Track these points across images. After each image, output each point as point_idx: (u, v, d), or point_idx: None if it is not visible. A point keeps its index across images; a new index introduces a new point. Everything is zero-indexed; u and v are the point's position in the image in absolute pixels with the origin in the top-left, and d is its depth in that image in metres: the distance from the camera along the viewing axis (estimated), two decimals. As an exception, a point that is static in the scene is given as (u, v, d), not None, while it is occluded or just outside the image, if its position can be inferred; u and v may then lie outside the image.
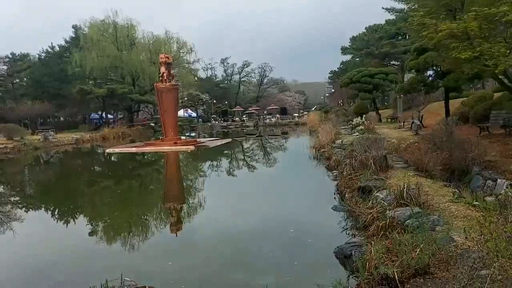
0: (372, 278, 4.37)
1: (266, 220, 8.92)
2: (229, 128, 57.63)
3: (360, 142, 12.02)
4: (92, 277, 5.26)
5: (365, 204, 7.56)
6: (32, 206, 12.59)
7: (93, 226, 9.70)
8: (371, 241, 5.39)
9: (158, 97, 27.84)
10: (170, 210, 10.79)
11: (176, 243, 7.77)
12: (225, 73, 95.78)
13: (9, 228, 9.36)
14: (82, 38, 53.29)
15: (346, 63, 72.41)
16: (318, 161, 17.29)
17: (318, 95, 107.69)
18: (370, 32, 61.84)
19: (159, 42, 55.88)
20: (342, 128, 25.51)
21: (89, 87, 50.85)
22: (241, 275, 5.74)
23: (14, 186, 16.67)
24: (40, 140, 34.66)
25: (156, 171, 20.39)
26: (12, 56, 59.12)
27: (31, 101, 52.46)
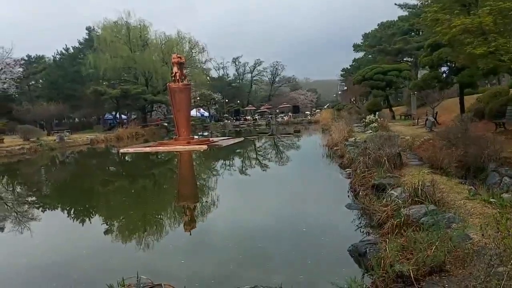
0: (387, 276, 4.35)
1: (279, 218, 8.93)
2: (241, 127, 57.71)
3: (374, 140, 11.94)
4: (108, 275, 5.32)
5: (379, 202, 7.51)
6: (48, 205, 12.78)
7: (109, 225, 9.82)
8: (385, 239, 5.37)
9: (171, 97, 28.02)
10: (184, 209, 10.87)
11: (190, 241, 7.82)
12: (237, 72, 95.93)
13: (27, 227, 9.52)
14: (96, 39, 53.87)
15: (358, 60, 71.89)
16: (331, 159, 17.23)
17: (330, 93, 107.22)
18: (383, 29, 61.25)
19: (171, 42, 56.22)
20: (355, 126, 25.36)
21: (103, 88, 51.38)
22: (255, 274, 5.76)
23: (31, 186, 16.94)
24: (55, 141, 35.13)
25: (170, 171, 20.53)
26: (28, 58, 60.00)
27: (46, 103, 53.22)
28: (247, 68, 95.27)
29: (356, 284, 4.30)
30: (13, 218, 10.87)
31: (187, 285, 4.65)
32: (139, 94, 50.13)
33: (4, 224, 10.31)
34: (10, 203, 13.36)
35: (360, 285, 4.34)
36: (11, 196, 15.08)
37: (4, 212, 11.82)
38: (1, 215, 11.53)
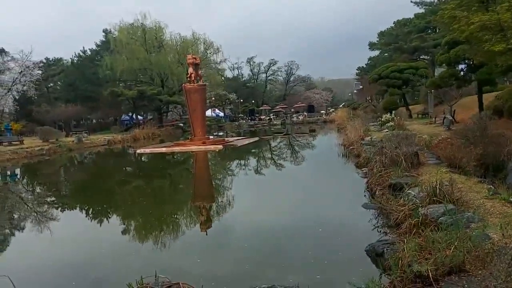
0: (405, 276, 4.31)
1: (295, 218, 8.91)
2: (256, 127, 57.76)
3: (390, 139, 11.83)
4: (127, 274, 5.39)
5: (397, 202, 7.45)
6: (67, 205, 12.99)
7: (126, 225, 9.95)
8: (403, 239, 5.32)
9: (186, 97, 28.22)
10: (200, 209, 10.93)
11: (206, 241, 7.87)
12: (251, 72, 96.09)
13: (47, 227, 9.71)
14: (112, 41, 54.55)
15: (374, 58, 71.31)
16: (347, 158, 17.14)
17: (345, 92, 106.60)
18: (399, 27, 60.64)
19: (187, 43, 56.58)
20: (371, 125, 25.18)
21: (120, 89, 52.01)
22: (271, 274, 5.76)
23: (50, 187, 17.25)
24: (73, 142, 35.69)
25: (186, 171, 20.67)
26: (47, 61, 61.09)
27: (65, 104, 54.21)
28: (262, 68, 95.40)
29: (373, 284, 4.28)
30: (33, 218, 11.09)
31: (204, 284, 4.69)
32: (155, 95, 50.59)
33: (25, 224, 10.54)
34: (30, 203, 13.63)
35: (377, 285, 4.32)
36: (31, 196, 15.38)
37: (24, 212, 12.08)
38: (22, 215, 11.78)
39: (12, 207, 13.24)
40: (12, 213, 12.22)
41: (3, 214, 12.01)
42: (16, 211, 12.53)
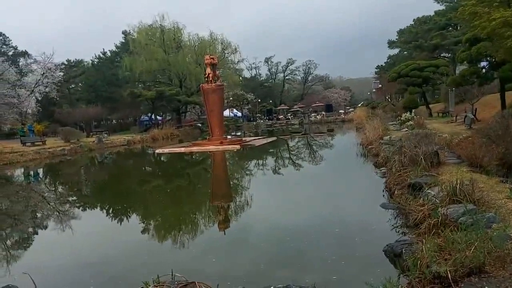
0: (424, 277, 4.24)
1: (313, 218, 8.87)
2: (274, 127, 57.72)
3: (410, 138, 11.67)
4: (144, 272, 5.43)
5: (416, 201, 7.34)
6: (88, 205, 13.21)
7: (145, 224, 10.06)
8: (422, 239, 5.24)
9: (204, 97, 28.38)
10: (217, 208, 10.98)
11: (223, 240, 7.89)
12: (269, 72, 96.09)
13: (68, 226, 9.89)
14: (131, 43, 55.22)
15: (393, 57, 70.46)
16: (366, 158, 16.98)
17: (364, 91, 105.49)
18: (419, 24, 59.72)
19: (204, 44, 56.87)
20: (390, 124, 24.88)
21: (139, 90, 52.65)
22: (287, 274, 5.74)
23: (71, 186, 17.57)
24: (94, 142, 36.30)
25: (204, 170, 20.79)
26: (68, 62, 62.27)
27: (85, 105, 55.20)
28: (280, 68, 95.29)
29: (391, 285, 4.22)
30: (55, 217, 11.32)
31: (219, 283, 4.70)
32: (174, 95, 51.02)
33: (47, 222, 10.77)
34: (52, 203, 13.91)
35: (395, 285, 4.26)
36: (53, 195, 15.69)
37: (46, 211, 12.34)
38: (44, 214, 12.04)
39: (34, 206, 13.54)
40: (34, 212, 12.50)
41: (26, 213, 12.30)
42: (39, 210, 12.81)
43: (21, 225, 10.77)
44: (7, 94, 37.34)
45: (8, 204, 14.26)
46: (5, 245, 8.82)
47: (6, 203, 14.45)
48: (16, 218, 11.52)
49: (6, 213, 12.56)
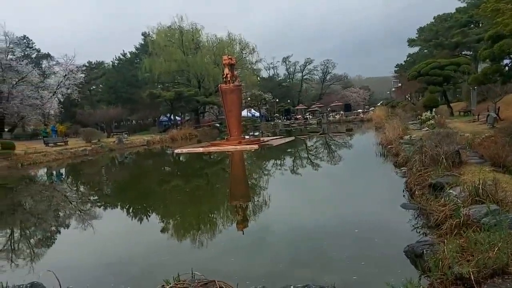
0: (446, 278, 4.18)
1: (332, 218, 8.82)
2: (292, 127, 57.60)
3: (431, 137, 11.50)
4: (163, 271, 5.49)
5: (437, 202, 7.23)
6: (109, 204, 13.42)
7: (164, 223, 10.17)
8: (443, 240, 5.17)
9: (222, 98, 28.51)
10: (236, 208, 11.01)
11: (241, 240, 7.91)
12: (287, 72, 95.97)
13: (89, 224, 10.07)
14: (151, 44, 55.86)
15: (413, 55, 69.53)
16: (385, 158, 16.80)
17: (383, 90, 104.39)
18: (439, 22, 58.80)
19: (222, 44, 57.17)
20: (410, 123, 24.56)
21: (158, 91, 53.23)
22: (306, 273, 5.72)
23: (93, 186, 17.88)
24: (115, 143, 36.89)
25: (222, 170, 20.88)
26: (89, 64, 63.43)
27: (106, 106, 56.11)
28: (298, 67, 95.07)
29: (412, 285, 4.17)
30: (77, 216, 11.53)
31: (239, 283, 4.72)
32: (192, 96, 51.41)
33: (69, 221, 10.97)
34: (74, 202, 14.18)
35: (416, 286, 4.21)
36: (75, 195, 15.99)
37: (68, 211, 12.58)
38: (66, 213, 12.28)
39: (57, 205, 13.82)
40: (57, 211, 12.76)
41: (49, 212, 12.57)
42: (61, 209, 13.07)
43: (44, 224, 11.01)
44: (30, 95, 38.27)
45: (32, 203, 14.60)
46: (29, 243, 9.03)
47: (30, 202, 14.80)
48: (40, 217, 11.78)
49: (30, 212, 12.86)
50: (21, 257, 7.86)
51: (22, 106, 37.78)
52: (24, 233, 10.15)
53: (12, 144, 28.01)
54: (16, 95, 37.00)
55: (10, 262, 7.48)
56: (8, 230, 10.54)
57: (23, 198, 15.68)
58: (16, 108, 37.17)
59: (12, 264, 7.34)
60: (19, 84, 37.44)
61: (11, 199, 15.56)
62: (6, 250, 8.44)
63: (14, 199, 15.54)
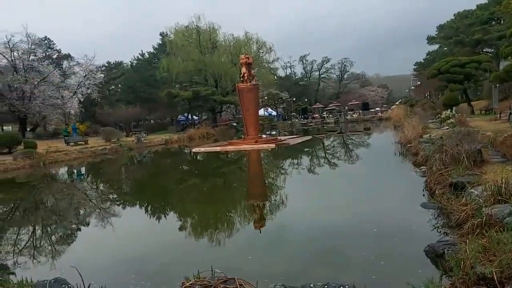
0: (468, 278, 4.12)
1: (350, 217, 8.75)
2: (309, 126, 57.42)
3: (451, 136, 11.32)
4: (183, 268, 5.54)
5: (458, 201, 7.12)
6: (128, 202, 13.60)
7: (182, 221, 10.25)
8: (465, 240, 5.09)
9: (239, 97, 28.56)
10: (253, 207, 11.03)
11: (259, 238, 7.92)
12: (304, 71, 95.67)
13: (109, 222, 10.22)
14: (169, 44, 56.33)
15: (433, 53, 68.57)
16: (404, 157, 16.60)
17: (402, 89, 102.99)
18: (460, 19, 57.82)
19: (239, 44, 57.27)
20: (430, 122, 24.21)
21: (176, 90, 53.66)
22: (325, 272, 5.70)
23: (112, 184, 18.14)
24: (133, 142, 37.36)
25: (239, 169, 20.94)
26: (108, 64, 64.32)
27: (125, 106, 56.82)
28: (315, 66, 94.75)
29: (433, 285, 4.12)
30: (97, 214, 11.71)
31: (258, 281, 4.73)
32: (209, 95, 51.66)
33: (89, 219, 11.16)
34: (94, 200, 14.41)
35: (438, 286, 4.16)
36: (95, 193, 16.25)
37: (89, 209, 12.79)
38: (86, 211, 12.49)
39: (78, 203, 14.07)
40: (77, 209, 12.99)
41: (70, 210, 12.80)
42: (81, 207, 13.30)
43: (65, 221, 11.22)
44: (52, 95, 39.03)
45: (53, 201, 14.89)
46: (51, 240, 9.22)
47: (51, 200, 15.10)
48: (61, 215, 12.01)
49: (51, 210, 13.12)
50: (43, 254, 8.03)
51: (44, 105, 38.55)
52: (46, 230, 10.37)
53: (34, 143, 28.61)
54: (38, 95, 37.76)
55: (34, 258, 7.65)
56: (31, 227, 10.78)
57: (45, 195, 16.02)
58: (38, 107, 37.94)
59: (35, 261, 7.51)
60: (40, 84, 38.21)
61: (33, 196, 15.91)
62: (29, 246, 8.64)
63: (37, 196, 15.88)
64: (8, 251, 8.29)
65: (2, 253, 8.23)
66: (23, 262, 7.40)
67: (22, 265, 7.20)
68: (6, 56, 37.98)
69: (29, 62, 38.45)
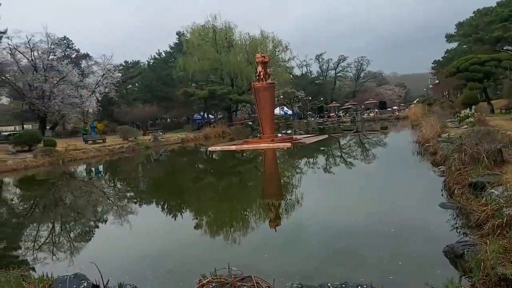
0: (489, 279, 4.05)
1: (367, 217, 8.66)
2: (325, 125, 57.10)
3: (470, 135, 11.13)
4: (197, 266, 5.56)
5: (478, 201, 7.00)
6: (145, 200, 13.74)
7: (198, 219, 10.31)
8: (485, 240, 5.00)
9: (255, 96, 28.56)
10: (269, 206, 11.02)
11: (274, 237, 7.91)
12: (320, 69, 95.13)
13: (126, 220, 10.33)
14: (185, 43, 56.68)
15: (451, 51, 67.40)
16: (422, 156, 16.39)
17: (420, 87, 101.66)
18: (479, 16, 56.76)
19: (255, 42, 57.24)
20: (448, 121, 23.83)
21: (192, 89, 53.93)
22: (341, 272, 5.66)
23: (129, 182, 18.34)
24: (150, 140, 37.72)
25: (255, 168, 20.95)
26: (126, 64, 65.00)
27: (142, 105, 57.34)
28: (331, 65, 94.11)
29: (453, 286, 4.07)
30: (114, 212, 11.86)
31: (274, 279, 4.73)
32: (225, 94, 51.78)
33: (107, 216, 11.31)
34: (112, 198, 14.60)
35: (457, 287, 4.10)
36: (112, 191, 16.46)
37: (106, 206, 12.96)
38: (104, 209, 12.66)
39: (95, 200, 14.27)
40: (96, 206, 13.18)
41: (88, 207, 12.99)
42: (100, 204, 13.49)
43: (83, 218, 11.39)
44: (70, 94, 39.61)
45: (72, 198, 15.13)
46: (70, 237, 9.37)
47: (70, 197, 15.35)
48: (80, 212, 12.20)
49: (70, 207, 13.33)
50: (63, 250, 8.17)
51: (63, 104, 39.15)
52: (65, 227, 10.54)
53: (54, 141, 29.10)
54: (57, 94, 38.37)
55: (53, 254, 7.79)
56: (51, 223, 10.97)
57: (64, 193, 16.29)
58: (57, 106, 38.55)
59: (55, 257, 7.64)
60: (60, 83, 38.81)
61: (53, 194, 16.19)
62: (49, 242, 8.80)
63: (56, 194, 16.17)
64: (29, 247, 8.47)
65: (23, 249, 8.42)
66: (43, 258, 7.54)
67: (42, 261, 7.35)
68: (27, 55, 38.70)
69: (48, 61, 39.10)
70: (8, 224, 11.39)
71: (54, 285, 4.51)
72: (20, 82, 38.69)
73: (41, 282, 4.74)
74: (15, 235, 10.03)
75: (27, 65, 39.15)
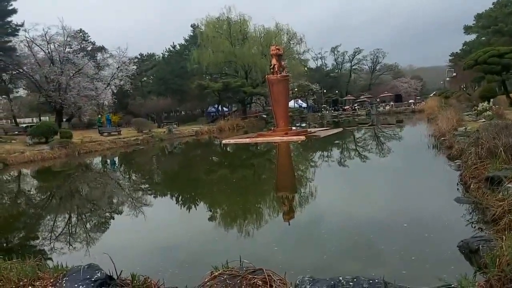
0: (504, 275, 3.97)
1: (381, 211, 8.58)
2: (340, 118, 56.70)
3: (488, 129, 10.91)
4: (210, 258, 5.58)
5: (494, 196, 6.87)
6: (159, 192, 13.85)
7: (211, 212, 10.35)
8: (501, 236, 4.91)
9: (269, 88, 28.44)
10: (282, 199, 11.01)
11: (288, 231, 7.91)
12: (335, 62, 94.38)
13: (140, 211, 10.43)
14: (199, 36, 56.71)
15: (469, 43, 66.08)
16: (438, 150, 16.16)
17: (436, 80, 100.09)
18: (499, 8, 55.49)
19: (270, 35, 56.94)
20: (465, 115, 23.46)
21: (206, 82, 54.02)
22: (354, 266, 5.63)
23: (144, 174, 18.50)
24: (165, 133, 37.98)
25: (269, 161, 20.93)
26: (141, 56, 65.36)
27: (156, 97, 57.69)
28: (346, 57, 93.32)
29: (467, 281, 3.99)
30: (129, 203, 11.98)
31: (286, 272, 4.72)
32: (239, 87, 51.74)
33: (122, 208, 11.44)
34: (126, 189, 14.75)
35: (471, 282, 4.03)
36: (127, 183, 16.63)
37: (121, 198, 13.11)
38: (119, 200, 12.80)
39: (110, 192, 14.44)
40: (111, 197, 13.33)
41: (103, 199, 13.15)
42: (114, 195, 13.64)
43: (98, 209, 11.53)
44: (86, 87, 40.02)
45: (88, 190, 15.34)
46: (85, 227, 9.50)
47: (86, 188, 15.56)
48: (94, 203, 12.36)
49: (86, 198, 13.52)
50: (78, 240, 8.28)
51: (79, 97, 39.60)
52: (80, 218, 10.69)
53: (70, 133, 29.51)
54: (73, 86, 38.81)
55: (69, 244, 7.91)
56: (67, 214, 11.15)
57: (80, 184, 16.52)
58: (73, 99, 39.00)
59: (70, 247, 7.76)
60: (76, 76, 39.23)
61: (69, 185, 16.43)
62: (64, 233, 8.94)
63: (72, 185, 16.40)
64: (45, 237, 8.62)
65: (39, 239, 8.57)
66: (58, 248, 7.66)
67: (57, 251, 7.47)
68: (43, 48, 39.16)
69: (64, 54, 39.50)
70: (26, 214, 11.61)
71: (68, 275, 4.56)
72: (37, 74, 39.19)
73: (55, 271, 4.80)
74: (32, 225, 10.21)
75: (43, 57, 39.62)
